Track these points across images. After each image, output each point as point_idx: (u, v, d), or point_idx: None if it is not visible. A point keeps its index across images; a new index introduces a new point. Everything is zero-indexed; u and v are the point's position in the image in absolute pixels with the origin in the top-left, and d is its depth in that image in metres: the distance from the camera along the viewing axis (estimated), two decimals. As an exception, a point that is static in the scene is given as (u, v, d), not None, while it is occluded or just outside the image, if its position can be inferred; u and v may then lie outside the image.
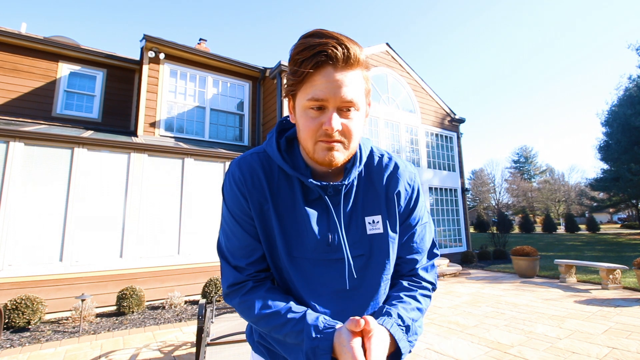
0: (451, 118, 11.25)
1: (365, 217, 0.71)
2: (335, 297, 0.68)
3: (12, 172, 4.42)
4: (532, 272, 7.10)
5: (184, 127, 7.26)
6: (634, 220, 31.90)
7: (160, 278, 5.19)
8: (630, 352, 2.97)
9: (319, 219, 0.69)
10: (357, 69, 0.62)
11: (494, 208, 41.29)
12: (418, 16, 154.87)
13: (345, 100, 0.60)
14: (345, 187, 0.69)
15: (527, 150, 49.79)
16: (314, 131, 0.61)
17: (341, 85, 0.59)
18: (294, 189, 0.70)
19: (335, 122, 0.59)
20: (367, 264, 0.70)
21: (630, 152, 17.77)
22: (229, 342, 2.33)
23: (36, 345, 3.38)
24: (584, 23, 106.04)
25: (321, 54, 0.57)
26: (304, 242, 0.68)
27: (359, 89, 0.62)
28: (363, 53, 0.62)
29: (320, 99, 0.59)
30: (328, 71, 0.59)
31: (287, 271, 0.69)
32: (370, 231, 0.70)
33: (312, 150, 0.63)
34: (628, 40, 50.22)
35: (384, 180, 0.73)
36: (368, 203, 0.71)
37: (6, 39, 6.55)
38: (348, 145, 0.64)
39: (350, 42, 0.59)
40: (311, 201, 0.70)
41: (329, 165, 0.63)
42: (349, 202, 0.71)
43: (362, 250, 0.69)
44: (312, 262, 0.68)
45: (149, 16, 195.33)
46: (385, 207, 0.72)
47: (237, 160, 0.74)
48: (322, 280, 0.68)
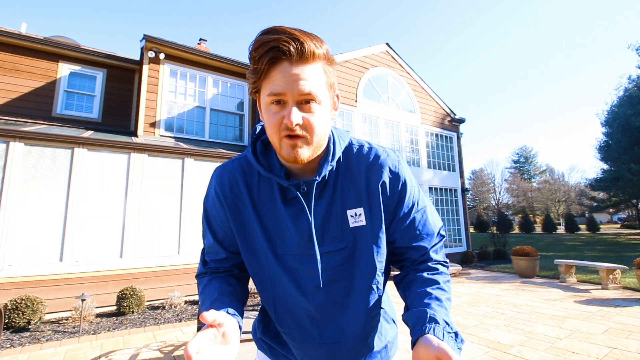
0: (451, 118, 11.25)
1: (347, 210, 0.70)
2: (320, 289, 0.70)
3: (12, 172, 4.42)
4: (532, 272, 7.10)
5: (184, 127, 7.26)
6: (634, 220, 31.89)
7: (160, 278, 5.19)
8: (630, 352, 2.97)
9: (298, 216, 0.70)
10: (315, 63, 0.62)
11: (494, 208, 41.28)
12: (418, 16, 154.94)
13: (302, 93, 0.60)
14: (316, 182, 0.69)
15: (527, 150, 49.79)
16: (277, 126, 0.62)
17: (297, 78, 0.59)
18: (273, 190, 0.72)
19: (295, 115, 0.59)
20: (352, 256, 0.70)
21: (630, 152, 17.77)
22: (229, 342, 2.33)
23: (36, 345, 3.38)
24: (584, 23, 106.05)
25: (275, 50, 0.58)
26: (287, 239, 0.70)
27: (318, 82, 0.62)
28: (322, 47, 0.62)
29: (278, 93, 0.60)
30: (284, 66, 0.59)
31: (274, 269, 0.71)
32: (353, 224, 0.70)
33: (278, 146, 0.64)
34: (628, 40, 50.22)
35: (364, 172, 0.72)
36: (348, 196, 0.71)
37: (6, 39, 6.54)
38: (311, 139, 0.63)
39: (305, 37, 0.59)
40: (289, 200, 0.71)
41: (295, 161, 0.63)
42: (326, 197, 0.71)
43: (344, 244, 0.70)
44: (297, 258, 0.70)
45: (149, 16, 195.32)
46: (367, 198, 0.71)
47: (219, 169, 0.77)
48: (307, 275, 0.70)
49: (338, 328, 0.71)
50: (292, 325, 0.73)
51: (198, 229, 5.67)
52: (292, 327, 0.73)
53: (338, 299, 0.71)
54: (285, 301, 0.73)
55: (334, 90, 0.68)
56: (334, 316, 0.71)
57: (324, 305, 0.70)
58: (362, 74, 9.13)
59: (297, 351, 0.74)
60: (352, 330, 0.72)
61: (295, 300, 0.71)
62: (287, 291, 0.71)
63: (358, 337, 0.72)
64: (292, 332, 0.73)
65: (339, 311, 0.71)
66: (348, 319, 0.71)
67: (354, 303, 0.71)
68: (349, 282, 0.71)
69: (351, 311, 0.71)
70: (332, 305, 0.70)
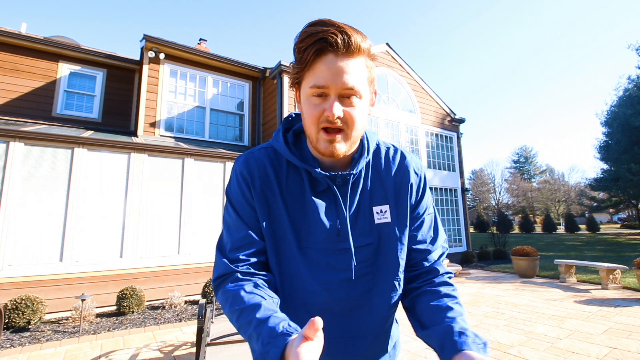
0: (451, 118, 11.25)
1: (373, 206, 0.71)
2: (345, 284, 0.69)
3: (12, 172, 4.42)
4: (532, 272, 7.10)
5: (184, 127, 7.26)
6: (634, 220, 31.89)
7: (160, 278, 5.19)
8: (630, 352, 2.97)
9: (327, 209, 0.70)
10: (360, 57, 0.62)
11: (494, 208, 41.29)
12: (418, 16, 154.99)
13: (346, 87, 0.60)
14: (353, 176, 0.70)
15: (527, 150, 49.79)
16: (316, 118, 0.62)
17: (342, 72, 0.60)
18: (302, 181, 0.71)
19: (337, 108, 0.60)
20: (377, 252, 0.71)
21: (630, 152, 17.77)
22: (229, 342, 2.33)
23: (36, 345, 3.38)
24: (584, 23, 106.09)
25: (322, 41, 0.58)
26: (314, 232, 0.69)
27: (361, 77, 0.62)
28: (366, 42, 0.63)
29: (322, 85, 0.60)
30: (329, 58, 0.60)
31: (296, 262, 0.69)
32: (378, 220, 0.71)
33: (315, 139, 0.64)
34: (628, 40, 50.22)
35: (392, 171, 0.75)
36: (376, 193, 0.72)
37: (6, 39, 6.55)
38: (350, 133, 0.64)
39: (352, 31, 0.60)
40: (319, 192, 0.71)
41: (331, 155, 0.64)
42: (357, 192, 0.72)
43: (370, 239, 0.71)
44: (323, 252, 0.69)
45: (149, 16, 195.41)
46: (394, 197, 0.73)
47: (245, 155, 0.74)
48: (332, 269, 0.69)
49: (358, 322, 0.71)
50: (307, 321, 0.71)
51: (198, 229, 5.67)
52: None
53: (360, 294, 0.70)
54: (303, 296, 0.70)
55: (373, 86, 0.69)
56: (356, 311, 0.71)
57: (346, 300, 0.70)
58: (362, 74, 9.13)
59: None
60: (372, 325, 0.72)
61: (315, 295, 0.69)
62: (307, 286, 0.69)
63: (377, 332, 0.73)
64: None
65: (360, 307, 0.71)
66: (369, 314, 0.71)
67: (375, 299, 0.71)
68: (372, 277, 0.71)
69: (372, 307, 0.71)
70: (354, 300, 0.70)
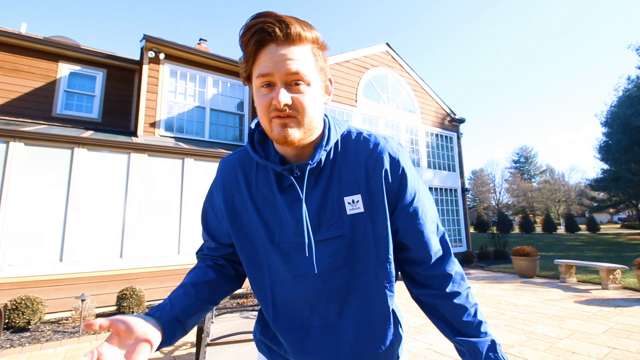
0: (451, 118, 11.25)
1: (344, 197, 0.69)
2: (318, 277, 0.69)
3: (12, 172, 4.42)
4: (532, 272, 7.10)
5: (184, 127, 7.26)
6: (634, 220, 31.89)
7: (160, 278, 5.19)
8: (630, 352, 2.97)
9: (294, 203, 0.69)
10: (303, 45, 0.62)
11: (494, 208, 41.29)
12: (418, 16, 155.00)
13: (290, 73, 0.60)
14: (312, 166, 0.68)
15: (527, 150, 49.80)
16: (266, 107, 0.62)
17: (284, 59, 0.60)
18: (270, 179, 0.72)
19: (283, 96, 0.59)
20: (352, 244, 0.69)
21: (630, 152, 17.76)
22: (229, 342, 2.33)
23: (36, 346, 3.38)
24: (585, 23, 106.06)
25: (260, 32, 0.59)
26: (284, 228, 0.70)
27: (306, 63, 0.62)
28: (311, 31, 0.63)
29: (266, 73, 0.60)
30: (271, 48, 0.60)
31: (272, 258, 0.71)
32: (350, 211, 0.68)
33: (269, 128, 0.64)
34: (628, 40, 50.19)
35: (363, 158, 0.70)
36: (346, 183, 0.69)
37: (6, 39, 6.54)
38: (302, 120, 0.62)
39: (293, 20, 0.61)
40: (285, 188, 0.71)
41: (285, 142, 0.63)
42: (322, 184, 0.70)
43: (341, 231, 0.68)
44: (294, 246, 0.69)
45: (149, 16, 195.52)
46: (366, 185, 0.69)
47: (222, 160, 0.80)
48: (304, 263, 0.69)
49: (338, 313, 0.70)
50: (291, 315, 0.72)
51: (198, 228, 5.66)
52: (291, 318, 0.72)
53: (338, 287, 0.69)
54: (283, 291, 0.72)
55: (325, 74, 0.68)
56: (335, 303, 0.70)
57: (322, 292, 0.69)
58: (362, 74, 9.13)
59: (295, 342, 0.71)
60: (356, 316, 0.70)
61: (293, 289, 0.71)
62: (285, 280, 0.71)
63: (363, 324, 0.71)
64: (291, 323, 0.72)
65: (339, 299, 0.70)
66: (352, 305, 0.70)
67: (357, 291, 0.70)
68: (349, 270, 0.69)
69: (355, 298, 0.70)
70: (332, 292, 0.69)
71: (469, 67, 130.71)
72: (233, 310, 3.46)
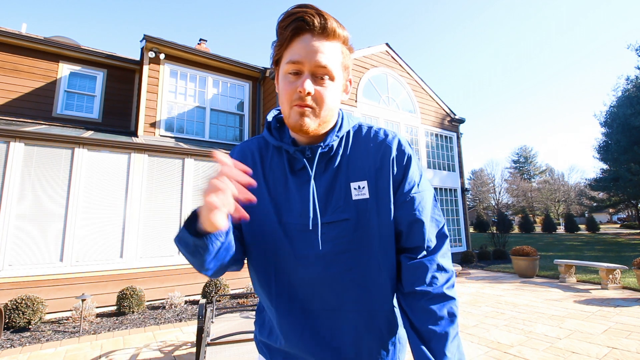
0: (451, 118, 11.25)
1: (351, 182, 0.71)
2: (320, 259, 0.69)
3: (12, 172, 4.43)
4: (532, 272, 7.11)
5: (184, 127, 7.27)
6: (634, 220, 31.90)
7: (160, 278, 5.20)
8: (630, 352, 2.98)
9: (303, 185, 0.72)
10: (335, 41, 0.66)
11: (494, 208, 41.30)
12: (417, 16, 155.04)
13: (319, 65, 0.64)
14: (323, 149, 0.72)
15: (526, 150, 49.82)
16: (290, 94, 0.65)
17: (317, 50, 0.63)
18: (283, 162, 0.75)
19: (308, 84, 0.63)
20: (357, 229, 0.70)
21: (629, 152, 17.77)
22: (229, 342, 2.33)
23: (36, 345, 3.39)
24: (584, 23, 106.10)
25: (300, 20, 0.63)
26: (292, 209, 0.72)
27: (334, 59, 0.66)
28: (344, 30, 0.67)
29: (296, 61, 0.64)
30: (307, 37, 0.64)
31: (278, 236, 0.72)
32: (355, 197, 0.70)
33: (287, 114, 0.67)
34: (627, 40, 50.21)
35: (372, 148, 0.74)
36: (354, 170, 0.72)
37: (6, 39, 6.55)
38: (319, 112, 0.66)
39: (330, 17, 0.65)
40: (297, 170, 0.74)
41: (300, 129, 0.66)
42: (332, 169, 0.73)
43: (347, 215, 0.70)
44: (300, 227, 0.71)
45: (149, 16, 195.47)
46: (374, 172, 0.71)
47: (240, 144, 0.84)
48: (308, 244, 0.70)
49: (340, 297, 0.70)
50: (292, 297, 0.72)
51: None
52: (292, 299, 0.71)
53: (340, 272, 0.69)
54: (286, 271, 0.72)
55: (347, 73, 0.72)
56: (337, 288, 0.70)
57: (325, 277, 0.69)
58: (362, 74, 9.13)
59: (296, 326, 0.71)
60: (358, 302, 0.70)
61: (296, 271, 0.71)
62: (289, 261, 0.71)
63: (365, 311, 0.70)
64: (292, 304, 0.71)
65: (341, 284, 0.70)
66: (354, 290, 0.70)
67: (360, 277, 0.70)
68: (354, 254, 0.70)
69: (357, 284, 0.70)
70: (333, 277, 0.69)
71: (468, 67, 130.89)
72: (233, 310, 3.46)
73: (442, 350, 0.63)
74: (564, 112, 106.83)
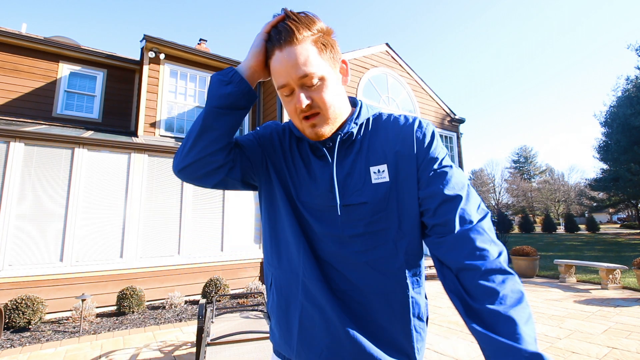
0: (451, 118, 11.26)
1: (370, 167, 0.71)
2: (336, 240, 0.70)
3: (12, 172, 4.43)
4: (531, 272, 7.11)
5: (184, 127, 7.27)
6: (634, 220, 31.91)
7: (160, 278, 5.20)
8: (630, 352, 2.98)
9: (324, 169, 0.74)
10: (303, 43, 0.64)
11: (494, 208, 41.30)
12: (418, 16, 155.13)
13: (300, 77, 0.63)
14: (342, 137, 0.73)
15: (527, 150, 49.82)
16: (294, 112, 0.68)
17: (291, 64, 0.63)
18: (305, 147, 0.78)
19: (303, 100, 0.64)
20: (375, 212, 0.69)
21: (630, 152, 17.77)
22: (229, 342, 2.33)
23: (36, 345, 3.39)
24: (585, 23, 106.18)
25: (265, 42, 0.67)
26: (311, 189, 0.74)
27: (312, 60, 0.64)
28: (307, 28, 0.64)
29: (283, 84, 0.66)
30: (276, 56, 0.65)
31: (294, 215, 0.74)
32: (375, 180, 0.70)
33: (300, 128, 0.71)
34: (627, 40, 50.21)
35: (392, 132, 0.73)
36: (373, 153, 0.72)
37: (6, 39, 6.55)
38: (326, 114, 0.67)
39: (287, 22, 0.64)
40: (319, 156, 0.76)
41: (318, 138, 0.70)
42: (352, 154, 0.74)
43: (365, 198, 0.70)
44: (318, 207, 0.72)
45: (149, 16, 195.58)
46: (395, 156, 0.70)
47: (278, 122, 0.88)
48: (326, 224, 0.71)
49: (354, 276, 0.69)
50: (318, 265, 0.71)
51: (198, 228, 5.67)
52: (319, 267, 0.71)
53: (356, 252, 0.69)
54: (307, 240, 0.73)
55: (335, 60, 0.70)
56: (351, 266, 0.69)
57: (340, 255, 0.70)
58: (362, 74, 9.13)
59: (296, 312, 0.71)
60: (369, 282, 0.68)
61: (318, 241, 0.72)
62: (310, 233, 0.73)
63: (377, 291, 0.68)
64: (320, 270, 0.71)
65: (355, 263, 0.69)
66: (365, 271, 0.69)
67: (373, 259, 0.68)
68: (370, 237, 0.69)
69: (369, 267, 0.68)
70: (349, 256, 0.69)
71: (469, 67, 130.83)
72: (233, 310, 3.46)
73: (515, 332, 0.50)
74: (566, 112, 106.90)
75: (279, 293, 0.76)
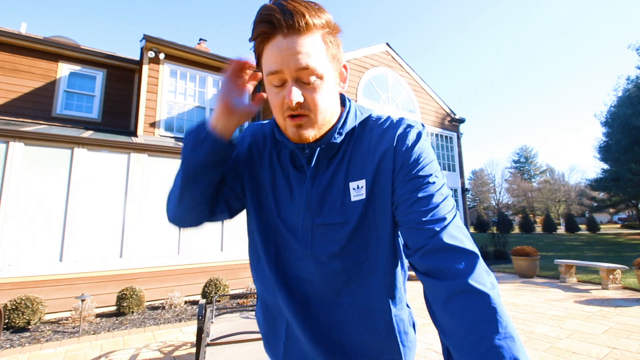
0: (451, 118, 11.25)
1: (350, 182, 0.65)
2: (316, 259, 0.67)
3: (12, 172, 4.42)
4: (532, 272, 7.10)
5: (184, 127, 7.26)
6: (634, 220, 31.91)
7: (160, 278, 5.19)
8: (630, 352, 2.97)
9: (301, 184, 0.69)
10: (312, 33, 0.57)
11: (494, 208, 41.31)
12: (418, 16, 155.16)
13: (300, 68, 0.56)
14: (319, 148, 0.66)
15: (527, 150, 49.80)
16: (279, 107, 0.60)
17: (293, 52, 0.55)
18: (286, 157, 0.72)
19: (295, 94, 0.56)
20: (353, 231, 0.65)
21: (630, 152, 17.76)
22: (229, 343, 2.33)
23: (36, 346, 3.38)
24: (585, 23, 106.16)
25: (266, 24, 0.55)
26: (290, 206, 0.69)
27: (316, 54, 0.57)
28: (321, 17, 0.58)
29: (274, 70, 0.57)
30: (277, 41, 0.56)
31: (278, 229, 0.71)
32: (354, 198, 0.64)
33: (283, 126, 0.63)
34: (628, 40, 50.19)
35: (375, 141, 0.66)
36: (354, 168, 0.66)
37: (6, 39, 6.55)
38: (315, 118, 0.60)
39: (299, 7, 0.55)
40: (299, 167, 0.70)
41: (300, 140, 0.62)
42: (332, 168, 0.67)
43: (342, 218, 0.65)
44: (297, 225, 0.69)
45: (149, 16, 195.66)
46: (374, 169, 0.64)
47: (258, 123, 0.80)
48: (303, 244, 0.68)
49: (337, 292, 0.68)
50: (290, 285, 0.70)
51: (198, 228, 5.66)
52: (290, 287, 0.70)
53: (336, 271, 0.67)
54: (289, 260, 0.71)
55: (338, 62, 0.64)
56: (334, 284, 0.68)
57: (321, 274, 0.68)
58: (362, 74, 9.13)
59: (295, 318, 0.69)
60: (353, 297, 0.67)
61: (295, 262, 0.70)
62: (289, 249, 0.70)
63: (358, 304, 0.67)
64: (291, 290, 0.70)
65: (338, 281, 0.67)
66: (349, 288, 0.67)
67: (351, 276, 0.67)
68: (346, 257, 0.66)
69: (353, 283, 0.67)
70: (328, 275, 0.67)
71: (469, 67, 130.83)
72: (233, 310, 3.45)
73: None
74: (565, 112, 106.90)
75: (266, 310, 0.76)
